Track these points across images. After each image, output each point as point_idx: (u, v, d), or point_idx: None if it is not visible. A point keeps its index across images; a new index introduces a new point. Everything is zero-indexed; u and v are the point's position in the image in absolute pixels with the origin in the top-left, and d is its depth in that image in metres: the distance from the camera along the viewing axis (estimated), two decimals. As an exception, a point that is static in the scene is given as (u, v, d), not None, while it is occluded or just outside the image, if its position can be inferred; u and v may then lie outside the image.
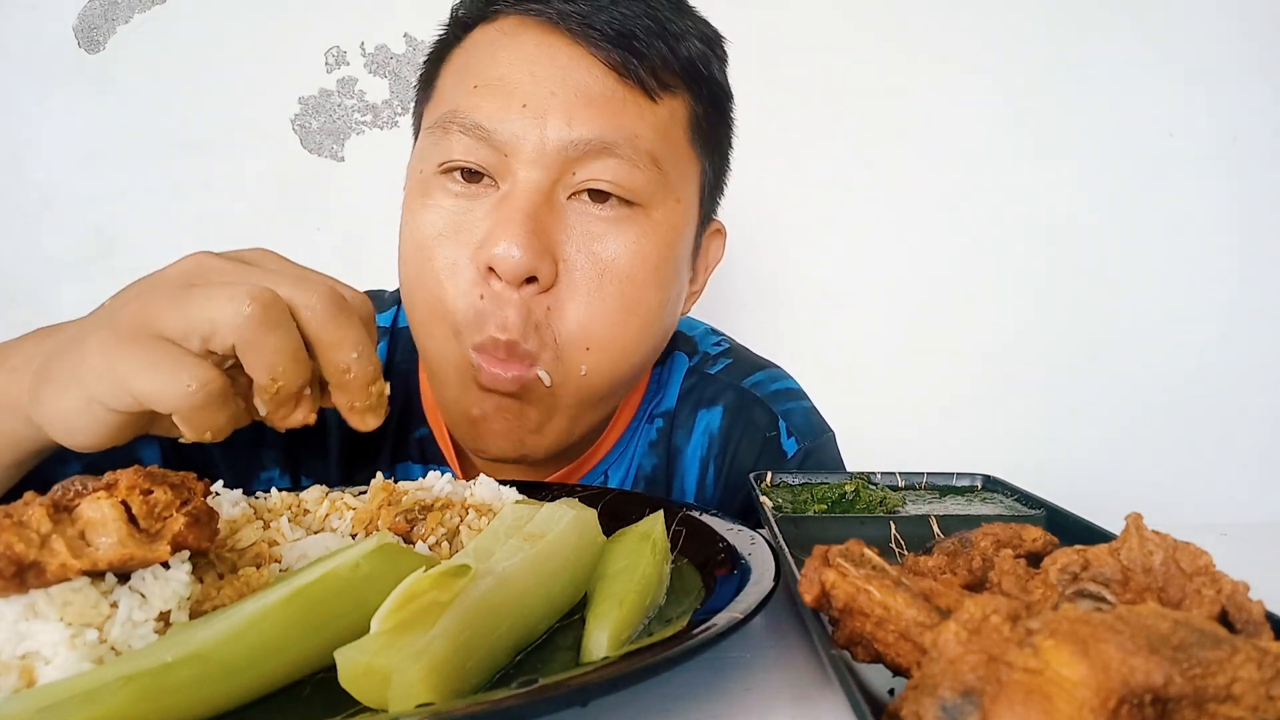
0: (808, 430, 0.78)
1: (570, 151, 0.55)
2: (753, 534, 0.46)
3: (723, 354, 0.81)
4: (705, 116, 0.63)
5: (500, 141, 0.55)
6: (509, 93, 0.56)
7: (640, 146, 0.57)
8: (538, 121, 0.55)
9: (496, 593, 0.34)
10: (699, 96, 0.62)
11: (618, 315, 0.58)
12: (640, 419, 0.76)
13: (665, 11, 0.59)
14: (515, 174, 0.56)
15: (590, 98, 0.56)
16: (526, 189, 0.55)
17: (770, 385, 0.79)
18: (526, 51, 0.57)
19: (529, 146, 0.55)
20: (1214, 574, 0.32)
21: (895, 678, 0.34)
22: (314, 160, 1.37)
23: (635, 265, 0.58)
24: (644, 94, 0.58)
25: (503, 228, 0.54)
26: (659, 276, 0.60)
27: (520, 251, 0.53)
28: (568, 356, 0.58)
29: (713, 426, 0.76)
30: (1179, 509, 1.47)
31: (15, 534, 0.30)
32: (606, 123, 0.56)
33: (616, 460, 0.74)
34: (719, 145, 0.67)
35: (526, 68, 0.56)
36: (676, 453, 0.75)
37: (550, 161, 0.56)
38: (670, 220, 0.61)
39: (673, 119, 0.60)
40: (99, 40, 1.33)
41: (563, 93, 0.55)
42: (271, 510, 0.44)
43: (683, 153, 0.62)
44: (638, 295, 0.59)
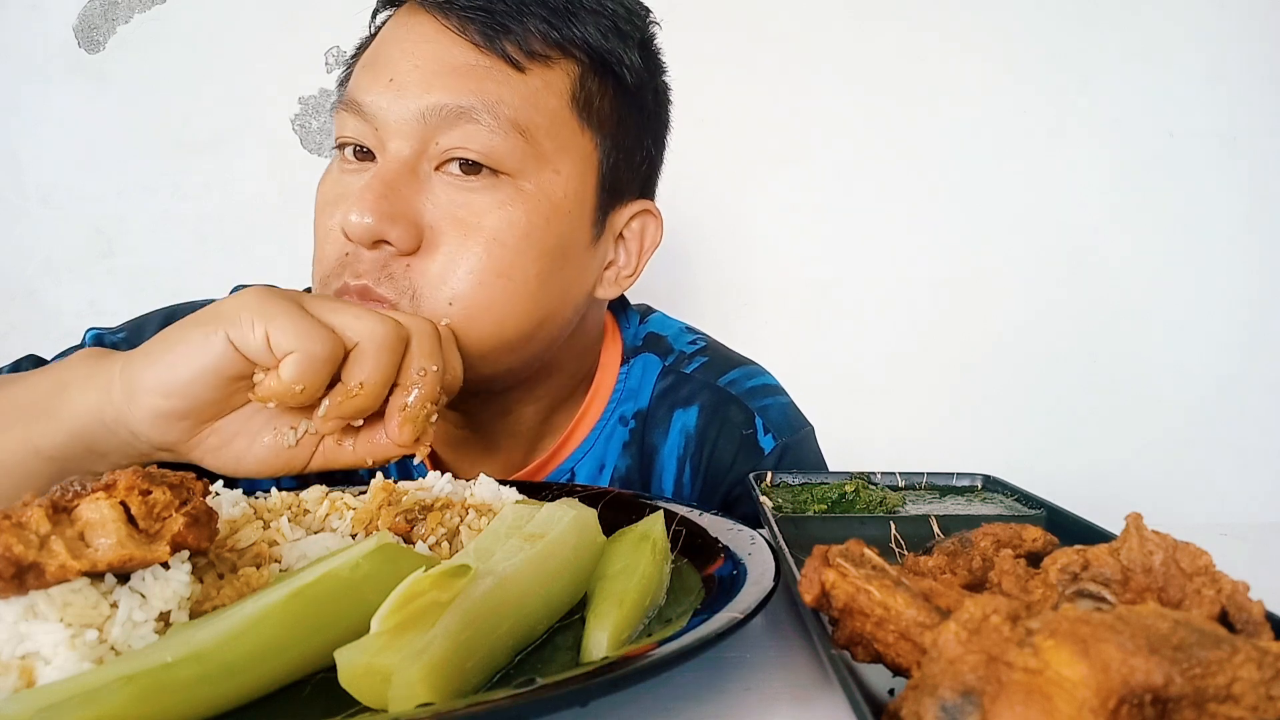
0: (785, 426, 0.78)
1: (429, 119, 0.57)
2: (753, 534, 0.46)
3: (698, 352, 0.81)
4: (598, 90, 0.63)
5: (370, 114, 0.59)
6: (380, 68, 0.60)
7: (502, 113, 0.58)
8: (400, 93, 0.58)
9: (496, 593, 0.34)
10: (587, 68, 0.62)
11: (484, 275, 0.59)
12: (609, 418, 0.76)
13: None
14: (385, 145, 0.59)
15: (450, 67, 0.58)
16: (389, 160, 0.58)
17: (746, 383, 0.79)
18: (401, 32, 0.61)
19: (392, 117, 0.58)
20: (1214, 574, 0.32)
21: (895, 678, 0.34)
22: (314, 160, 1.37)
23: (502, 229, 0.59)
24: (509, 64, 0.59)
25: (356, 196, 0.57)
26: (532, 244, 0.60)
27: (368, 217, 0.56)
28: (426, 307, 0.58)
29: (689, 426, 0.76)
30: (1179, 509, 1.47)
31: (14, 535, 0.30)
32: (464, 89, 0.58)
33: (583, 458, 0.75)
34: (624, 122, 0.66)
35: (398, 46, 0.60)
36: (653, 452, 0.76)
37: (411, 130, 0.58)
38: (545, 191, 0.61)
39: (547, 89, 0.61)
40: (99, 40, 1.33)
41: (424, 64, 0.58)
42: (271, 510, 0.44)
43: (562, 124, 0.61)
44: (508, 259, 0.59)
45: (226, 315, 0.47)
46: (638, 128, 0.68)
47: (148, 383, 0.48)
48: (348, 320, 0.49)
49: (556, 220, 0.62)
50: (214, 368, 0.47)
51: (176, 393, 0.48)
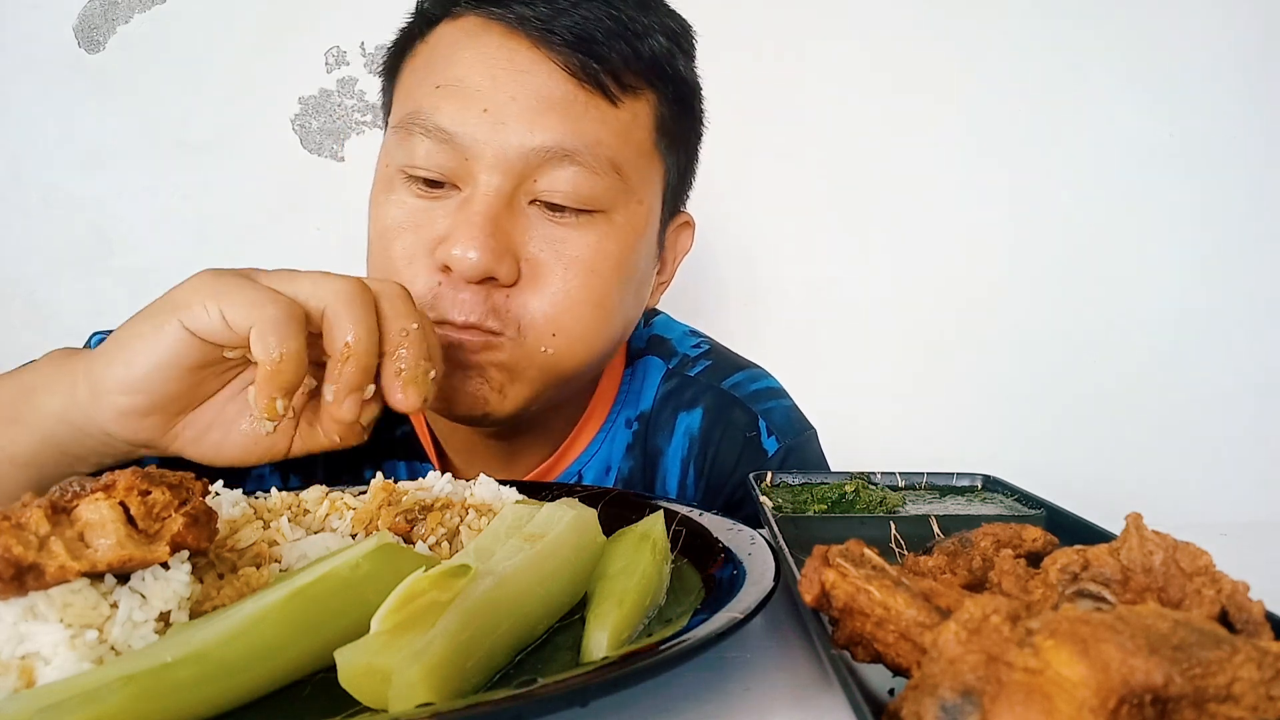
0: (788, 429, 0.78)
1: (531, 159, 0.57)
2: (753, 534, 0.46)
3: (702, 355, 0.81)
4: (670, 115, 0.64)
5: (462, 145, 0.56)
6: (469, 95, 0.56)
7: (601, 154, 0.58)
8: (499, 127, 0.56)
9: (496, 593, 0.34)
10: (664, 95, 0.62)
11: (583, 306, 0.60)
12: (614, 421, 0.77)
13: (629, 9, 0.59)
14: (476, 178, 0.57)
15: (551, 103, 0.56)
16: (487, 193, 0.57)
17: (750, 385, 0.80)
18: (487, 54, 0.57)
19: (490, 152, 0.56)
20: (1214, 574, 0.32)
21: (895, 678, 0.34)
22: (314, 160, 1.37)
23: (598, 261, 0.60)
24: (605, 98, 0.58)
25: (462, 230, 0.56)
26: (621, 273, 0.62)
27: (478, 254, 0.55)
28: (531, 339, 0.59)
29: (693, 428, 0.77)
30: (1179, 509, 1.47)
31: (14, 536, 0.30)
32: (567, 129, 0.56)
33: (590, 460, 0.75)
34: (685, 141, 0.67)
35: (487, 70, 0.57)
36: (657, 454, 0.76)
37: (511, 167, 0.57)
38: (632, 221, 0.62)
39: (635, 121, 0.61)
40: (99, 40, 1.33)
41: (523, 98, 0.56)
42: (271, 510, 0.44)
43: (646, 154, 0.62)
44: (602, 288, 0.61)
45: (179, 302, 0.45)
46: (694, 144, 0.70)
47: (108, 382, 0.46)
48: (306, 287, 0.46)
49: (640, 247, 0.64)
50: (172, 359, 0.46)
51: (139, 389, 0.46)
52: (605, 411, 0.77)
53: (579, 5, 0.57)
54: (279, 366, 0.44)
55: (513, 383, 0.61)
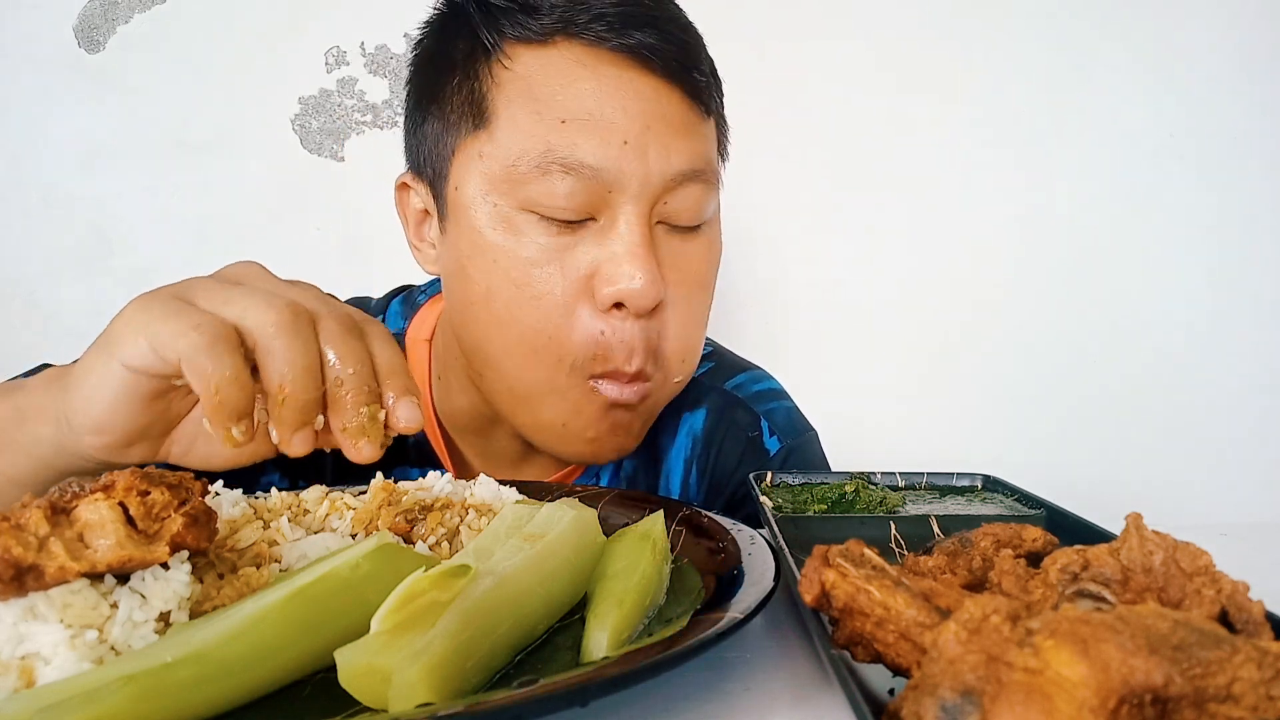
0: (790, 429, 0.79)
1: (671, 184, 0.58)
2: (753, 534, 0.46)
3: (705, 357, 0.82)
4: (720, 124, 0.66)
5: (606, 178, 0.56)
6: (607, 129, 0.56)
7: (713, 169, 0.61)
8: (640, 157, 0.56)
9: (496, 593, 0.34)
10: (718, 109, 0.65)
11: (702, 323, 0.63)
12: None
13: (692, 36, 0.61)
14: (617, 207, 0.57)
15: (677, 127, 0.58)
16: (633, 220, 0.57)
17: (752, 386, 0.80)
18: (611, 85, 0.57)
19: (635, 181, 0.56)
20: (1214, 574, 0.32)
21: (895, 678, 0.34)
22: (314, 160, 1.37)
23: (709, 272, 0.63)
24: (702, 114, 0.60)
25: (626, 261, 0.56)
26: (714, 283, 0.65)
27: (645, 281, 0.55)
28: (670, 371, 0.61)
29: (696, 428, 0.77)
30: (1179, 509, 1.47)
31: (13, 537, 0.30)
32: (695, 151, 0.59)
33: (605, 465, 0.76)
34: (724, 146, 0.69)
35: (615, 100, 0.56)
36: (661, 454, 0.77)
37: (654, 194, 0.58)
38: (717, 228, 0.65)
39: (713, 135, 0.63)
40: (99, 40, 1.33)
41: (655, 125, 0.57)
42: (271, 510, 0.44)
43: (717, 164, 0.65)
44: (706, 302, 0.64)
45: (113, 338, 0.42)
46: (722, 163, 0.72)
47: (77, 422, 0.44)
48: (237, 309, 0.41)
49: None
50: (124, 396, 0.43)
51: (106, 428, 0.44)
52: None
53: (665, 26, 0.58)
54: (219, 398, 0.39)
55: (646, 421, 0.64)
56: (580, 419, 0.60)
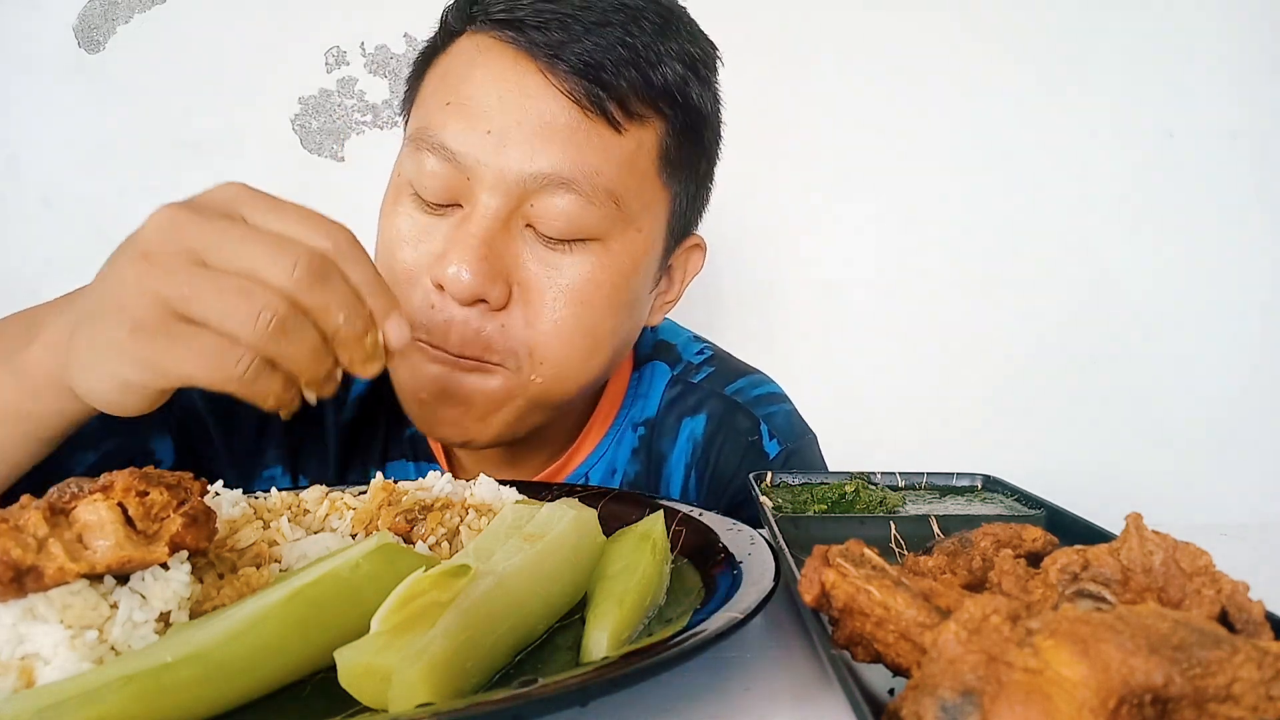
0: (789, 433, 0.79)
1: (529, 184, 0.56)
2: (753, 534, 0.46)
3: (706, 362, 0.82)
4: (677, 143, 0.63)
5: (464, 164, 0.57)
6: (475, 115, 0.57)
7: (599, 184, 0.58)
8: (500, 150, 0.56)
9: (496, 593, 0.34)
10: (673, 123, 0.62)
11: (571, 336, 0.60)
12: (620, 425, 0.77)
13: (645, 36, 0.58)
14: (476, 197, 0.57)
15: (553, 130, 0.56)
16: (485, 215, 0.57)
17: (752, 391, 0.81)
18: (497, 74, 0.57)
19: (490, 174, 0.56)
20: (1214, 574, 0.32)
21: (895, 678, 0.34)
22: (314, 160, 1.37)
23: (589, 291, 0.60)
24: (609, 126, 0.58)
25: (456, 250, 0.56)
26: (613, 302, 0.62)
27: (470, 275, 0.55)
28: (524, 368, 0.60)
29: (696, 433, 0.78)
30: (1179, 509, 1.47)
31: (12, 539, 0.30)
32: (566, 157, 0.56)
33: (596, 464, 0.76)
34: (694, 168, 0.66)
35: (495, 91, 0.57)
36: (661, 459, 0.77)
37: (509, 190, 0.57)
38: (629, 250, 0.62)
39: (639, 149, 0.60)
40: (99, 40, 1.33)
41: (527, 122, 0.56)
42: (271, 510, 0.44)
43: (649, 184, 0.62)
44: (592, 318, 0.61)
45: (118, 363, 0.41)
46: (705, 169, 0.69)
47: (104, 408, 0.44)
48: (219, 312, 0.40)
49: (635, 276, 0.63)
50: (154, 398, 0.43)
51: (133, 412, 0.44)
52: (611, 416, 0.77)
53: (592, 31, 0.56)
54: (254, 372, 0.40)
55: (496, 411, 0.62)
56: (414, 380, 0.61)
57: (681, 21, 0.63)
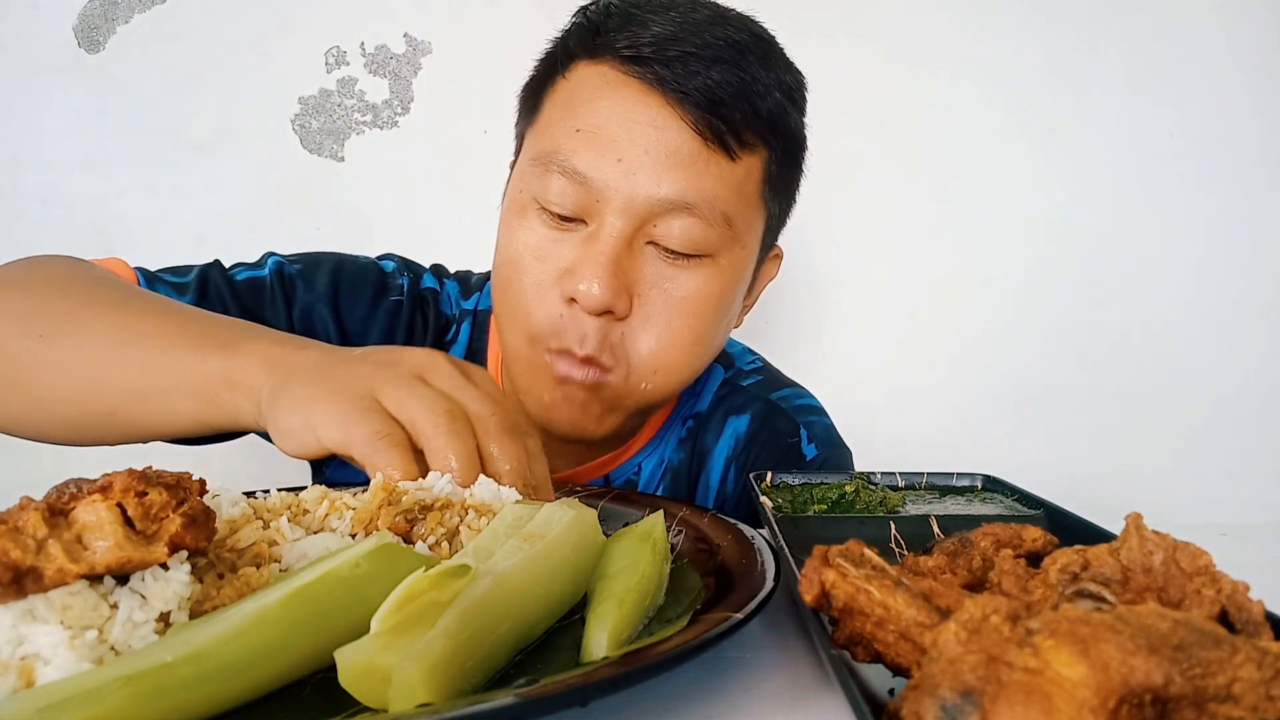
0: (828, 441, 0.84)
1: (655, 208, 0.62)
2: (753, 534, 0.46)
3: (755, 370, 0.88)
4: (778, 168, 0.68)
5: (595, 188, 0.62)
6: (606, 144, 0.62)
7: (716, 207, 0.63)
8: (629, 177, 0.61)
9: (496, 593, 0.34)
10: (775, 150, 0.67)
11: (685, 345, 0.66)
12: (675, 419, 0.83)
13: (753, 69, 0.63)
14: (603, 218, 0.62)
15: (678, 159, 0.61)
16: (612, 234, 0.62)
17: (795, 400, 0.86)
18: (626, 106, 0.62)
19: (619, 198, 0.62)
20: (1214, 574, 0.32)
21: (895, 678, 0.34)
22: (314, 160, 1.37)
23: (702, 303, 0.66)
24: (725, 155, 0.63)
25: (588, 266, 0.61)
26: (719, 311, 0.68)
27: (601, 289, 0.61)
28: (636, 375, 0.66)
29: (739, 430, 0.82)
30: (1179, 509, 1.47)
31: (11, 540, 0.30)
32: (689, 184, 0.62)
33: (650, 454, 0.81)
34: (788, 189, 0.72)
35: (624, 122, 0.62)
36: (705, 452, 0.82)
37: (636, 212, 0.62)
38: (735, 265, 0.67)
39: (748, 176, 0.65)
40: (99, 40, 1.33)
41: (654, 151, 0.61)
42: (271, 510, 0.44)
43: (753, 205, 0.67)
44: (703, 328, 0.67)
45: (312, 414, 0.47)
46: (795, 188, 0.74)
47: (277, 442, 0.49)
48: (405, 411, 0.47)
49: (737, 288, 0.69)
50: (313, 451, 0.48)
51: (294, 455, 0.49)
52: (669, 412, 0.82)
53: (712, 67, 0.61)
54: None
55: (611, 412, 0.68)
56: (538, 384, 0.67)
57: (776, 52, 0.68)
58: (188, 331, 0.54)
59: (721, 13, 0.65)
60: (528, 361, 0.67)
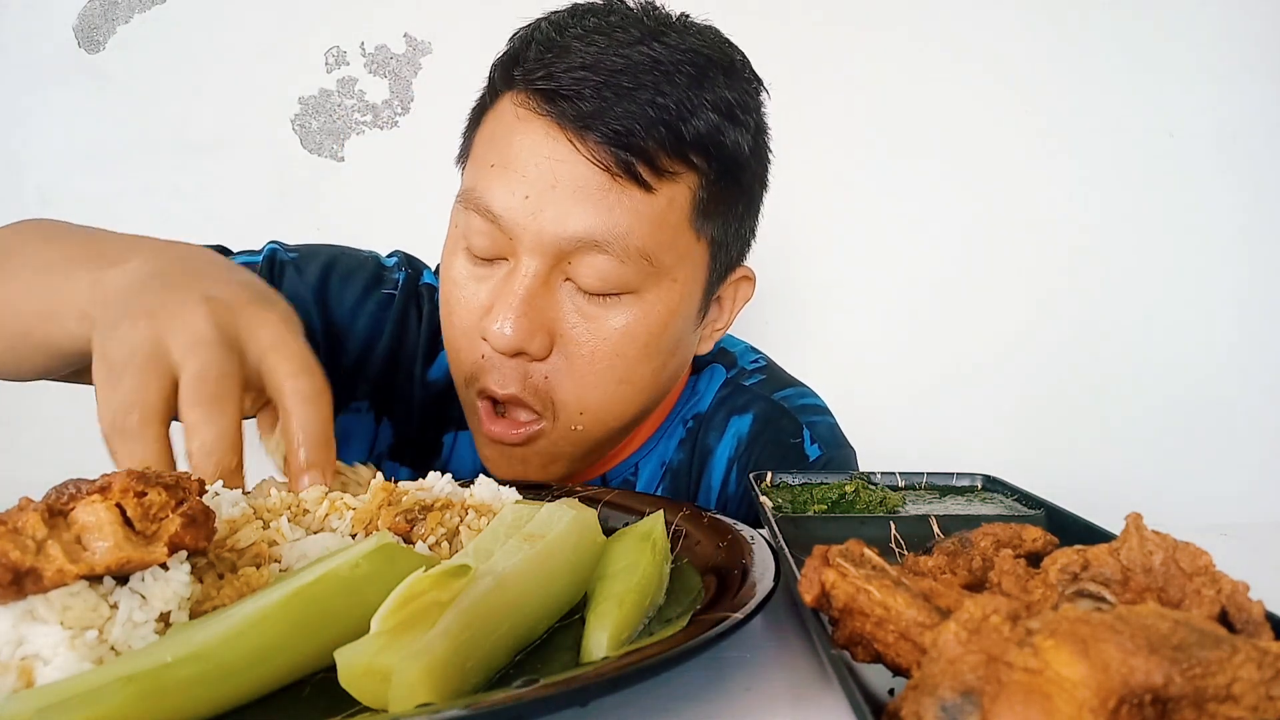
0: (831, 442, 0.82)
1: (565, 245, 0.60)
2: (753, 534, 0.46)
3: (758, 370, 0.87)
4: (712, 192, 0.64)
5: (506, 226, 0.60)
6: (515, 181, 0.60)
7: (630, 243, 0.60)
8: (536, 215, 0.59)
9: (496, 593, 0.34)
10: (705, 173, 0.63)
11: (609, 386, 0.64)
12: (674, 419, 0.81)
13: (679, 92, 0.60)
14: (519, 257, 0.61)
15: (585, 193, 0.59)
16: (525, 274, 0.61)
17: (798, 400, 0.85)
18: (534, 141, 0.60)
19: (528, 236, 0.60)
20: (1214, 574, 0.32)
21: (895, 678, 0.34)
22: (314, 160, 1.37)
23: (625, 344, 0.63)
24: (639, 188, 0.60)
25: (500, 307, 0.60)
26: (649, 351, 0.65)
27: (511, 331, 0.59)
28: (564, 417, 0.65)
29: (742, 430, 0.81)
30: (1179, 509, 1.47)
31: (10, 541, 0.30)
32: (597, 221, 0.59)
33: (647, 455, 0.80)
34: (730, 211, 0.68)
35: (532, 158, 0.60)
36: (707, 452, 0.81)
37: (546, 250, 0.60)
38: (664, 300, 0.64)
39: (670, 205, 0.62)
40: (99, 40, 1.33)
41: (560, 187, 0.59)
42: (271, 510, 0.44)
43: (682, 236, 0.64)
44: (628, 368, 0.64)
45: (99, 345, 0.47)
46: (745, 208, 0.71)
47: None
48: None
49: (673, 322, 0.66)
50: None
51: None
52: (665, 413, 0.81)
53: (625, 97, 0.58)
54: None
55: (553, 462, 0.68)
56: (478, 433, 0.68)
57: (718, 66, 0.63)
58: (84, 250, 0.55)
59: (655, 29, 0.62)
60: (469, 405, 0.67)
